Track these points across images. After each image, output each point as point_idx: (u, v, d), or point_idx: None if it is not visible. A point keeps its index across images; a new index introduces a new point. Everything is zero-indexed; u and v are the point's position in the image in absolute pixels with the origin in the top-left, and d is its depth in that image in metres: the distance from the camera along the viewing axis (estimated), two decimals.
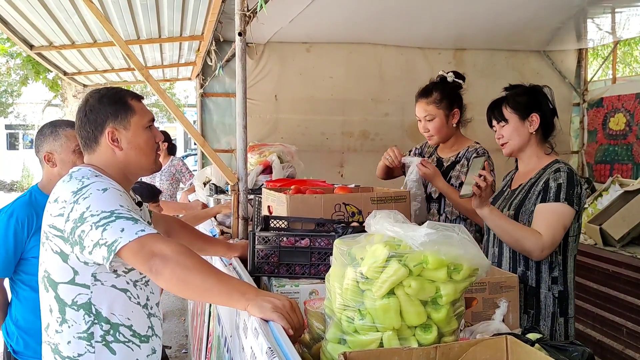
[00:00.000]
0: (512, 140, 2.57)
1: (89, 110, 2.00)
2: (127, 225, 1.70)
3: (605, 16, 5.47)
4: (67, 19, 4.73)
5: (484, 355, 1.36)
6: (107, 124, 1.98)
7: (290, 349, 1.40)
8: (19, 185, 23.59)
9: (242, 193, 2.94)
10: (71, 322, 1.84)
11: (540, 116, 2.54)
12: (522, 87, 2.64)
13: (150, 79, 3.10)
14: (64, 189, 1.85)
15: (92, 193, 1.78)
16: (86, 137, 2.00)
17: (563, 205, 2.37)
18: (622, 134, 6.23)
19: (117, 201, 1.77)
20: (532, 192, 2.49)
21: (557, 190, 2.39)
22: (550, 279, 2.46)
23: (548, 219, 2.38)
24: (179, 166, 6.91)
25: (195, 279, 1.66)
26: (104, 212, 1.72)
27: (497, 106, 2.60)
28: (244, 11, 2.86)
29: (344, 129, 6.27)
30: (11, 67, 13.87)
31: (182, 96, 27.68)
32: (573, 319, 2.54)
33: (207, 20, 4.91)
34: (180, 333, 5.94)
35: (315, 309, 1.68)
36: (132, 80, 8.40)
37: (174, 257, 1.65)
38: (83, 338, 1.84)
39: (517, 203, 2.54)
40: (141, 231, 1.69)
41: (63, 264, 1.82)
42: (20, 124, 31.24)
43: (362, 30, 5.76)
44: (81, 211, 1.75)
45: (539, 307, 2.47)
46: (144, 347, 1.94)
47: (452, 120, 3.12)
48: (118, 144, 1.99)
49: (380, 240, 1.40)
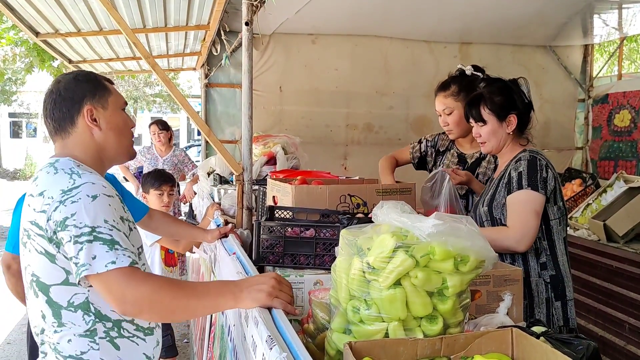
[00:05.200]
0: (490, 142, 2.59)
1: (63, 89, 1.86)
2: (100, 252, 1.60)
3: (612, 12, 5.44)
4: (73, 6, 4.73)
5: (489, 347, 1.36)
6: (85, 102, 1.85)
7: (294, 338, 1.40)
8: (22, 173, 23.63)
9: (246, 183, 2.93)
10: (69, 325, 1.74)
11: (517, 115, 2.54)
12: (498, 84, 2.62)
13: (156, 67, 3.10)
14: (52, 183, 1.73)
15: (80, 198, 1.66)
16: (60, 118, 1.85)
17: (527, 192, 2.39)
18: (627, 130, 6.21)
19: (103, 214, 1.66)
20: (501, 185, 2.52)
21: (519, 178, 2.42)
22: (539, 265, 2.48)
23: (515, 209, 2.41)
24: (182, 156, 6.91)
25: (177, 309, 1.64)
26: (86, 226, 1.62)
27: (475, 105, 2.59)
28: (251, 1, 2.85)
29: (348, 122, 6.26)
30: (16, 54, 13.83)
31: (186, 86, 27.65)
32: (572, 302, 2.54)
33: (213, 10, 4.91)
34: (182, 323, 5.95)
35: (319, 299, 1.68)
36: (137, 70, 8.39)
37: (146, 301, 1.60)
38: (85, 336, 1.75)
39: (488, 198, 2.57)
40: (111, 264, 1.59)
41: (51, 264, 1.71)
42: (23, 112, 31.28)
43: (367, 23, 5.73)
44: (65, 216, 1.64)
45: (532, 296, 2.48)
46: (149, 339, 1.88)
47: None
48: (97, 124, 1.87)
49: (387, 230, 1.40)
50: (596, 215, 4.56)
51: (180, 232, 2.85)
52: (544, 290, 2.48)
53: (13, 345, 5.55)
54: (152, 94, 27.95)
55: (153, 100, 28.57)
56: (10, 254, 2.83)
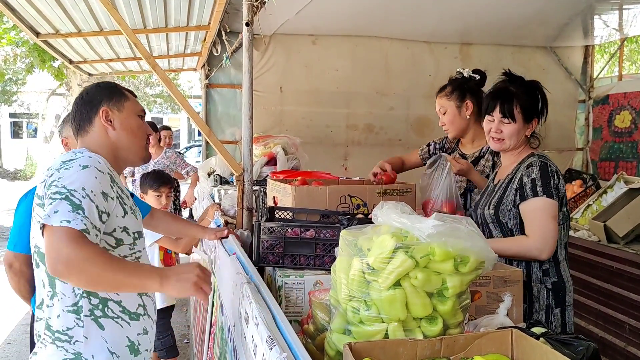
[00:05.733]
0: (510, 141, 2.52)
1: (85, 94, 2.10)
2: (63, 209, 1.69)
3: (613, 13, 5.43)
4: (74, 6, 4.73)
5: (489, 348, 1.36)
6: (102, 104, 2.05)
7: (294, 338, 1.40)
8: (22, 173, 23.63)
9: (247, 184, 2.94)
10: (60, 294, 1.83)
11: (539, 120, 2.53)
12: (532, 84, 2.58)
13: (157, 68, 3.10)
14: (58, 159, 1.91)
15: (72, 166, 1.82)
16: (80, 119, 2.06)
17: (542, 199, 2.37)
18: (627, 131, 6.20)
19: (84, 182, 1.78)
20: (509, 189, 2.48)
21: (532, 185, 2.39)
22: (542, 271, 2.46)
23: (533, 217, 2.40)
24: (173, 157, 6.78)
25: (103, 281, 1.70)
26: (64, 187, 1.74)
27: (508, 101, 2.51)
28: (252, 1, 2.85)
29: (348, 122, 6.26)
30: (17, 54, 13.85)
31: (186, 87, 27.67)
32: (571, 307, 2.53)
33: (214, 11, 4.91)
34: (182, 323, 5.96)
35: (319, 300, 1.69)
36: (137, 70, 8.39)
37: (76, 265, 1.64)
38: (71, 311, 1.83)
39: (495, 202, 2.53)
40: (66, 222, 1.67)
41: None
42: (24, 112, 31.29)
43: (368, 23, 5.73)
44: (52, 180, 1.78)
45: (532, 300, 2.47)
46: (134, 324, 1.95)
47: (464, 111, 3.11)
48: (111, 124, 2.05)
49: (387, 231, 1.40)
50: (596, 216, 4.56)
51: (181, 230, 2.90)
52: (544, 297, 2.46)
53: (13, 346, 5.55)
54: (153, 94, 27.96)
55: (154, 100, 28.57)
56: (12, 252, 2.83)
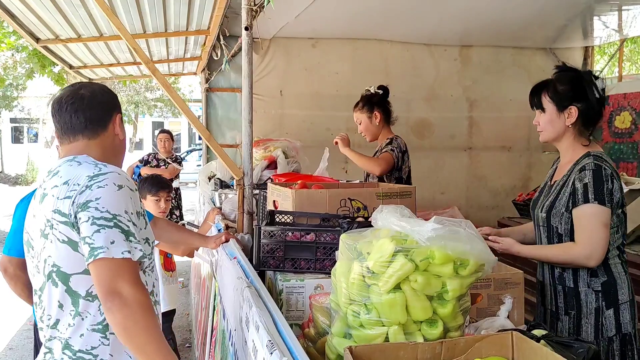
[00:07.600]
0: (546, 131, 2.48)
1: (99, 92, 1.97)
2: (118, 239, 1.68)
3: (612, 14, 5.44)
4: (74, 12, 4.74)
5: (490, 351, 1.36)
6: (117, 111, 2.00)
7: (295, 342, 1.40)
8: (23, 178, 23.63)
9: (247, 188, 2.94)
10: (85, 314, 1.76)
11: (580, 108, 2.40)
12: (569, 73, 2.48)
13: (157, 72, 3.11)
14: (78, 171, 1.79)
15: (107, 185, 1.74)
16: (92, 118, 1.92)
17: (593, 206, 2.29)
18: (627, 132, 6.20)
19: (124, 205, 1.74)
20: (563, 192, 2.41)
21: (584, 190, 2.31)
22: (589, 273, 2.38)
23: (582, 224, 2.33)
24: None
25: (138, 338, 1.66)
26: (108, 212, 1.70)
27: (538, 92, 2.47)
28: (251, 5, 2.86)
29: (349, 125, 6.22)
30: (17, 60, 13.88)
31: (187, 91, 27.69)
32: (627, 304, 2.39)
33: (213, 15, 4.92)
34: (184, 327, 5.95)
35: (320, 303, 1.69)
36: (137, 74, 8.40)
37: (133, 306, 1.63)
38: (98, 330, 1.77)
39: (548, 205, 2.47)
40: (127, 252, 1.67)
41: (74, 253, 1.74)
42: (24, 117, 31.33)
43: (367, 26, 5.74)
44: (88, 199, 1.71)
45: (580, 306, 2.40)
46: None
47: (374, 120, 4.00)
48: (120, 133, 2.01)
49: (386, 235, 1.40)
50: None
51: (183, 240, 2.91)
52: (593, 301, 2.38)
53: (15, 351, 5.55)
54: (153, 98, 27.98)
55: (154, 104, 28.60)
56: (7, 256, 2.81)
